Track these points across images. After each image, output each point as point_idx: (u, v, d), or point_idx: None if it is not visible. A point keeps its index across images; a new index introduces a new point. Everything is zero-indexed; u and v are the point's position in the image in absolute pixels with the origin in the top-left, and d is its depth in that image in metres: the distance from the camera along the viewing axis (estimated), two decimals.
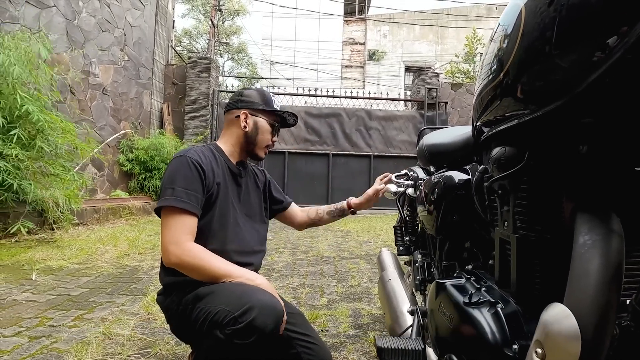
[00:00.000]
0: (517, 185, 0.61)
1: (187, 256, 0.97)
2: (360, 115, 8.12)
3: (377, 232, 5.02)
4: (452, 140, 1.06)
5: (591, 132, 0.48)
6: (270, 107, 1.16)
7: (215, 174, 1.07)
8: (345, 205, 1.35)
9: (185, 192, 1.00)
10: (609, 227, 0.44)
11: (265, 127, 1.16)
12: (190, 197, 1.00)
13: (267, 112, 1.16)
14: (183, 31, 20.70)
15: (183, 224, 0.98)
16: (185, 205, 0.99)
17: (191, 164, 1.02)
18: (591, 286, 0.41)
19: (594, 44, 0.39)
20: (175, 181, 1.00)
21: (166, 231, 0.98)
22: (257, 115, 1.15)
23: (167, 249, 0.97)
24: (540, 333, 0.43)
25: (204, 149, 1.11)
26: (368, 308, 2.08)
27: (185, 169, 1.02)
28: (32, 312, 1.86)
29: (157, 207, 1.02)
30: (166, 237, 0.98)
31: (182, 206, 0.98)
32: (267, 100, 1.17)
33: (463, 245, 0.97)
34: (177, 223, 0.98)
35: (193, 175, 1.02)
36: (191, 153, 1.05)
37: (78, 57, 5.31)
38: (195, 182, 1.02)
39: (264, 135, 1.16)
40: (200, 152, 1.07)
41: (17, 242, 3.31)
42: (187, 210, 0.99)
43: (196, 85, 7.77)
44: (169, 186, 1.00)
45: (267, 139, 1.17)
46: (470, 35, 11.55)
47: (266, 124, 1.16)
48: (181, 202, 0.98)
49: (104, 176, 5.99)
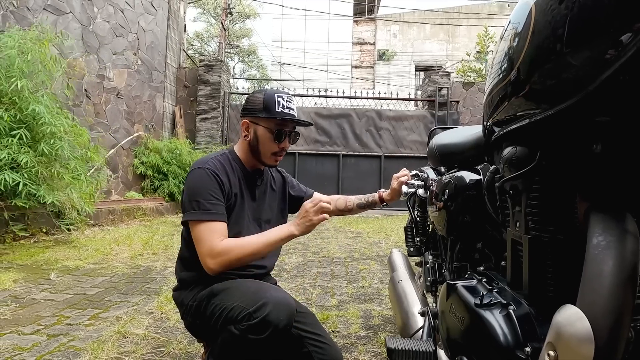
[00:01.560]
0: (529, 186, 0.60)
1: (225, 260, 0.99)
2: (370, 116, 8.09)
3: (388, 232, 4.99)
4: (462, 140, 1.05)
5: (605, 131, 0.47)
6: (270, 113, 1.08)
7: (232, 184, 1.09)
8: (377, 198, 1.36)
9: (210, 203, 1.02)
10: (623, 227, 0.43)
11: (265, 136, 1.10)
12: (215, 206, 1.03)
13: (267, 119, 1.09)
14: (195, 34, 20.99)
15: (211, 232, 1.01)
16: (212, 217, 1.02)
17: (211, 175, 1.04)
18: (605, 288, 0.40)
19: (606, 41, 0.38)
20: (200, 194, 1.03)
21: (200, 245, 1.01)
22: (258, 123, 1.10)
23: (205, 262, 1.01)
24: (552, 335, 0.43)
25: (222, 158, 1.12)
26: (379, 309, 2.07)
27: (206, 181, 1.04)
28: (50, 310, 1.91)
29: (184, 220, 1.06)
30: (202, 251, 1.01)
31: (210, 218, 1.01)
32: (269, 105, 1.08)
33: (474, 246, 0.95)
34: (207, 234, 1.01)
35: (214, 186, 1.04)
36: (209, 164, 1.07)
37: (93, 61, 5.44)
38: (217, 191, 1.04)
39: (266, 144, 1.10)
40: (218, 163, 1.08)
41: (35, 243, 3.40)
42: (214, 220, 1.02)
43: (207, 88, 7.86)
44: (194, 199, 1.03)
45: (270, 148, 1.11)
46: (481, 33, 11.38)
47: (266, 132, 1.09)
48: (208, 214, 1.01)
49: (118, 178, 6.11)
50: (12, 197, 3.12)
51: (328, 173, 7.91)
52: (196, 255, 1.09)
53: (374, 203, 1.36)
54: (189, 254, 1.11)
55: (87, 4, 5.34)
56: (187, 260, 1.13)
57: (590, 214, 0.48)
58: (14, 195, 3.14)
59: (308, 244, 4.09)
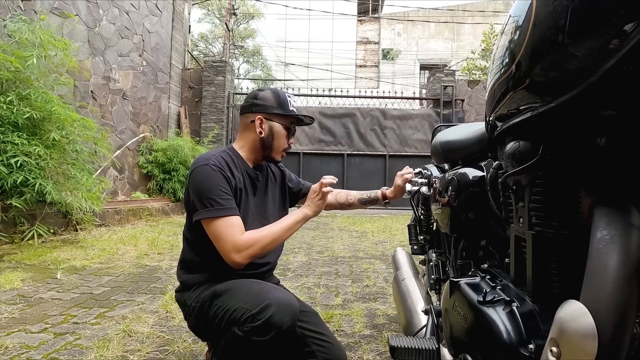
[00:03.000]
0: (532, 180, 0.59)
1: (251, 252, 1.00)
2: (374, 115, 8.07)
3: (393, 232, 4.97)
4: (465, 137, 1.04)
5: (610, 123, 0.46)
6: (286, 110, 1.12)
7: (237, 179, 1.08)
8: (380, 195, 1.34)
9: (222, 198, 1.01)
10: (628, 221, 0.42)
11: (282, 132, 1.13)
12: (228, 201, 1.02)
13: (282, 116, 1.12)
14: (199, 35, 21.11)
15: (230, 227, 1.00)
16: (227, 212, 1.00)
17: (217, 171, 1.03)
18: (609, 282, 0.39)
19: (610, 30, 0.37)
20: (210, 191, 1.01)
21: (222, 242, 0.99)
22: (273, 119, 1.12)
23: (231, 257, 0.99)
24: (555, 331, 0.42)
25: (223, 154, 1.10)
26: (383, 308, 2.06)
27: (214, 177, 1.02)
28: (57, 309, 1.93)
29: (197, 219, 1.02)
30: (225, 247, 0.99)
31: (226, 213, 1.00)
32: (283, 102, 1.12)
33: (478, 243, 0.94)
34: (227, 230, 0.99)
35: (222, 181, 1.03)
36: (212, 160, 1.05)
37: (99, 63, 5.49)
38: (226, 186, 1.04)
39: (280, 140, 1.13)
40: (221, 159, 1.07)
41: (43, 243, 3.44)
42: (230, 215, 1.01)
43: (212, 89, 7.90)
44: (205, 197, 1.00)
45: (283, 143, 1.14)
46: (487, 30, 11.30)
47: (282, 128, 1.13)
48: (223, 210, 1.00)
49: (124, 178, 6.16)
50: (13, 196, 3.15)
51: (333, 173, 7.71)
52: (198, 256, 1.09)
53: (376, 199, 1.35)
54: (191, 256, 1.11)
55: (93, 7, 5.39)
56: (189, 262, 1.12)
57: (594, 208, 0.47)
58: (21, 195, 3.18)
59: (312, 243, 4.09)
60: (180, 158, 6.48)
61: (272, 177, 1.24)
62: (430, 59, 16.42)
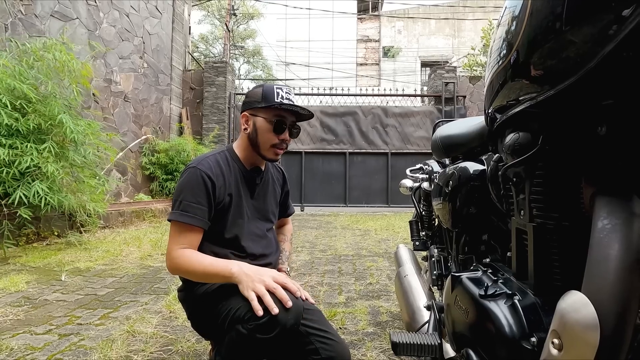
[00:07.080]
0: (532, 172, 0.58)
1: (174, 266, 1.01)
2: (376, 113, 8.05)
3: (396, 230, 4.96)
4: (466, 131, 1.03)
5: (610, 111, 0.45)
6: (268, 102, 1.05)
7: (227, 184, 1.07)
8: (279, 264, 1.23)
9: (190, 205, 1.01)
10: (630, 210, 0.42)
11: (264, 126, 1.07)
12: (195, 210, 1.02)
13: (265, 109, 1.07)
14: (200, 37, 21.14)
15: (179, 234, 1.02)
16: (188, 220, 1.01)
17: (200, 177, 1.02)
18: (611, 272, 0.38)
19: (607, 15, 0.37)
20: (183, 194, 1.03)
21: (169, 242, 1.04)
22: (257, 114, 1.08)
23: (166, 259, 1.04)
24: (557, 323, 0.41)
25: (219, 156, 1.09)
26: (387, 306, 2.05)
27: (194, 183, 1.02)
28: (61, 311, 1.94)
29: (168, 218, 1.07)
30: (167, 248, 1.04)
31: (185, 220, 1.01)
32: (266, 95, 1.06)
33: (480, 238, 0.94)
34: (174, 235, 1.03)
35: (200, 188, 1.02)
36: (203, 164, 1.04)
37: (100, 66, 5.51)
38: (202, 195, 1.02)
39: (265, 135, 1.08)
40: (213, 162, 1.06)
41: (47, 245, 3.46)
42: (189, 224, 1.01)
43: (213, 89, 7.90)
44: (177, 199, 1.04)
45: (268, 138, 1.08)
46: (486, 27, 11.24)
47: (264, 122, 1.07)
48: (185, 217, 1.01)
49: (127, 180, 6.19)
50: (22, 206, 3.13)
51: (335, 171, 7.89)
52: None
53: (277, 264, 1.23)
54: None
55: (93, 10, 5.41)
56: None
57: (595, 198, 0.46)
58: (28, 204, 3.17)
59: (315, 242, 4.09)
60: (181, 158, 6.51)
61: (273, 179, 1.24)
62: (431, 55, 16.35)
